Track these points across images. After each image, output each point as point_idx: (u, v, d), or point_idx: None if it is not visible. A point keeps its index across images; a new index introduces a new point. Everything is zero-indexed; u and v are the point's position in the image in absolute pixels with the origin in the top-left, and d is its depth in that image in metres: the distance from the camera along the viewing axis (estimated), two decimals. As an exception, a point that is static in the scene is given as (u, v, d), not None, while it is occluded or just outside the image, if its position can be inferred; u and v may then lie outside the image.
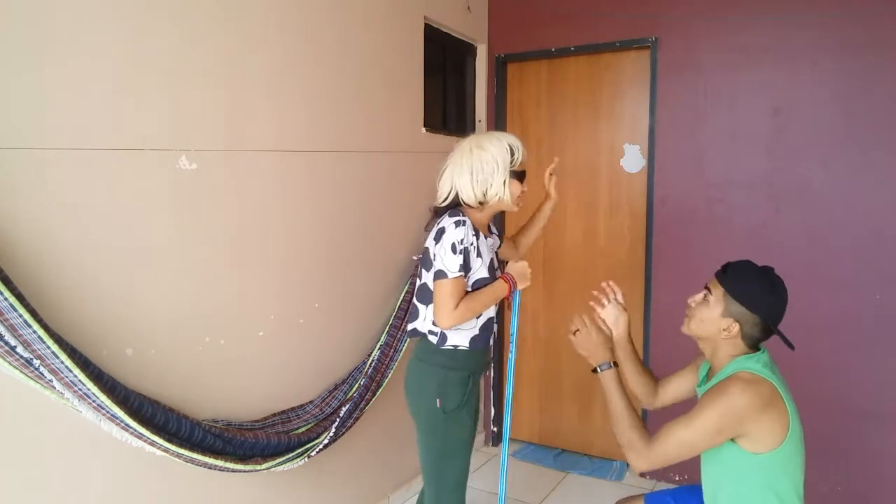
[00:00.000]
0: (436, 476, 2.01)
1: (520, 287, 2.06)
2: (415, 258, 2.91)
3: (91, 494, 1.75)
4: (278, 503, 2.34)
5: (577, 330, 1.84)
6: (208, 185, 2.02)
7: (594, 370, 1.79)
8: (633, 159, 3.29)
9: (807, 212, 2.83)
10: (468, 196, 1.96)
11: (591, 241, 3.42)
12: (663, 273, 3.15)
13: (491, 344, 2.06)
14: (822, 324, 2.80)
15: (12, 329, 1.43)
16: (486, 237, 2.03)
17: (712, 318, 1.65)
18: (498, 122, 3.57)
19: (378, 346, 2.68)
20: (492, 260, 2.02)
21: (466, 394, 1.97)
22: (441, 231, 1.91)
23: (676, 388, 1.95)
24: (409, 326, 2.06)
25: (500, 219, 3.61)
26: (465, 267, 1.90)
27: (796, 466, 1.59)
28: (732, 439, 1.56)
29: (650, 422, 3.27)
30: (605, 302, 1.95)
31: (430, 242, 1.95)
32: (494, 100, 3.58)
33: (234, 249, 2.13)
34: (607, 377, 1.75)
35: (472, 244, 1.91)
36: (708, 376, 1.77)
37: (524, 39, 3.46)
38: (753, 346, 1.65)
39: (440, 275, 1.87)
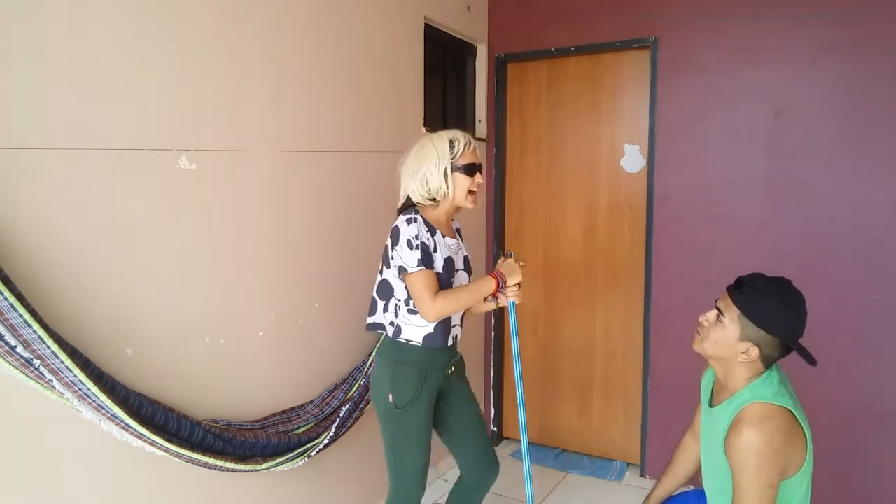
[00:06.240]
0: (393, 465, 2.08)
1: (510, 282, 2.06)
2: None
3: (90, 494, 1.75)
4: (278, 503, 2.34)
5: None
6: (208, 185, 2.02)
7: None
8: (633, 159, 3.29)
9: (807, 212, 2.83)
10: (414, 194, 2.00)
11: (591, 241, 3.42)
12: (663, 273, 3.15)
13: (451, 344, 2.06)
14: (822, 324, 2.78)
15: (12, 329, 1.43)
16: (444, 236, 2.03)
17: (728, 342, 1.55)
18: (498, 122, 3.57)
19: (378, 346, 2.68)
20: (451, 259, 2.02)
21: (419, 390, 1.98)
22: (395, 230, 1.95)
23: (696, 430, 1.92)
24: (368, 320, 2.10)
25: (500, 225, 3.61)
26: (428, 261, 1.92)
27: (810, 481, 1.55)
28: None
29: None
30: None
31: (388, 241, 2.00)
32: (494, 100, 3.58)
33: (234, 249, 2.13)
34: None
35: (427, 239, 1.94)
36: (714, 392, 1.72)
37: (524, 39, 3.46)
38: (770, 364, 1.59)
39: (402, 271, 1.93)
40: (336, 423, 2.32)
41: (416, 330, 1.99)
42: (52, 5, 1.60)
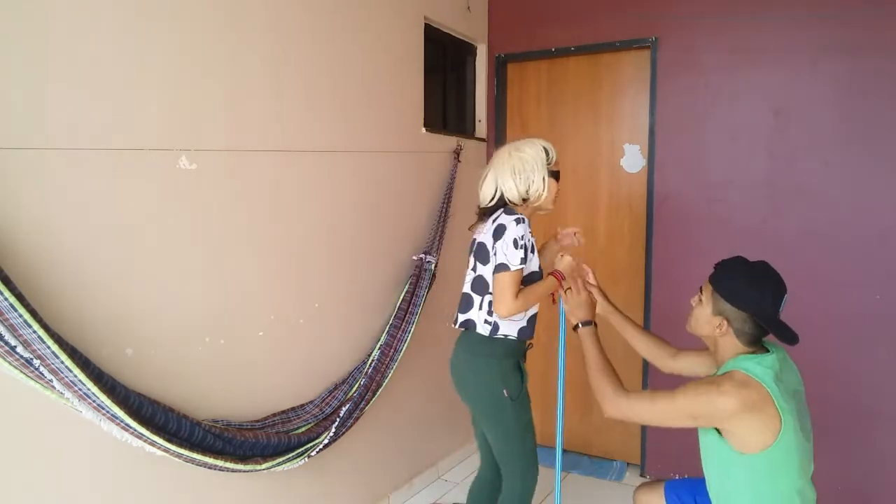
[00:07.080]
0: (517, 457, 2.13)
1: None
2: (414, 258, 2.91)
3: (90, 494, 1.75)
4: (278, 503, 2.34)
5: (569, 288, 2.02)
6: (208, 185, 2.02)
7: (575, 328, 1.93)
8: (633, 159, 3.29)
9: (807, 212, 2.83)
10: (512, 194, 2.09)
11: (591, 241, 3.41)
12: (663, 273, 3.15)
13: (534, 335, 2.20)
14: (822, 324, 2.80)
15: (12, 329, 1.43)
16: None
17: (705, 317, 1.67)
18: (498, 122, 3.57)
19: (378, 346, 2.68)
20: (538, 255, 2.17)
21: (522, 378, 2.14)
22: (501, 228, 2.02)
23: (694, 363, 1.96)
24: (462, 317, 2.16)
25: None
26: (524, 261, 2.02)
27: (789, 471, 1.56)
28: (720, 434, 1.57)
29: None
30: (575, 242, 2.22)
31: (485, 238, 2.07)
32: (494, 100, 3.58)
33: (234, 249, 2.13)
34: (585, 332, 1.88)
35: (529, 240, 2.05)
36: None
37: (524, 39, 3.46)
38: (753, 343, 1.63)
39: (502, 267, 1.99)
40: (336, 423, 2.32)
41: (513, 325, 2.10)
42: (52, 5, 1.60)
